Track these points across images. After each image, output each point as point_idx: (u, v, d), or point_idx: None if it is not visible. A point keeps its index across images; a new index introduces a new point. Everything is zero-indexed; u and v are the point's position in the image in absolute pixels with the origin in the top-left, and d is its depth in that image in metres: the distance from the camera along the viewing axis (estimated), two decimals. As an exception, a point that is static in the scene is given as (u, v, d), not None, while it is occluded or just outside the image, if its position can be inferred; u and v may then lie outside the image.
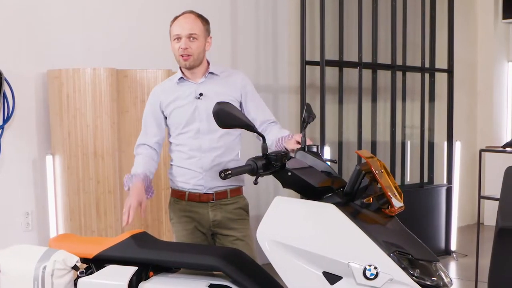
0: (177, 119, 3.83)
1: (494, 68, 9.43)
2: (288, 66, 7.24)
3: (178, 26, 3.77)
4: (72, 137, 5.25)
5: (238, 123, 3.00)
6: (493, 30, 9.39)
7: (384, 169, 2.96)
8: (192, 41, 3.74)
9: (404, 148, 7.53)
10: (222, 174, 2.87)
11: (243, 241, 3.81)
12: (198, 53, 3.77)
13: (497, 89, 9.49)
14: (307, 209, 2.90)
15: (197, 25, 3.76)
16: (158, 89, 3.96)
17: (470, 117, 9.40)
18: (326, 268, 2.78)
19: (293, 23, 7.22)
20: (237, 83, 3.88)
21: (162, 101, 3.87)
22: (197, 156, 3.80)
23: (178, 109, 3.82)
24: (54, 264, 3.15)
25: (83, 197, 5.27)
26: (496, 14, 9.37)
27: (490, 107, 9.47)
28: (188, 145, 3.82)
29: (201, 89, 3.81)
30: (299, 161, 3.02)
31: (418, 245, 2.88)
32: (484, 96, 9.50)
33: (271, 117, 3.90)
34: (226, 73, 3.91)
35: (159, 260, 3.21)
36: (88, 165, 5.27)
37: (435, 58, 7.69)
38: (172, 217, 3.92)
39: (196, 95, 3.80)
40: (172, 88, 3.87)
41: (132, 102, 5.50)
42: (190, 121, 3.80)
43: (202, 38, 3.78)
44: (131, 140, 5.48)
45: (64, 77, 5.23)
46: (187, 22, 3.76)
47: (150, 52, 6.07)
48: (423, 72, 7.56)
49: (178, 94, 3.84)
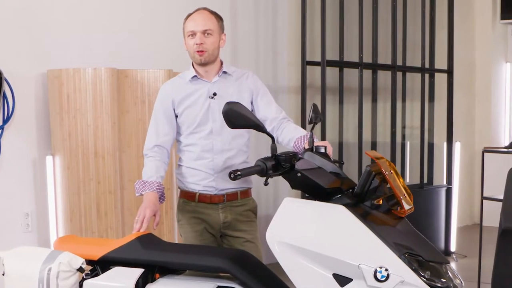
0: (189, 118, 3.76)
1: (492, 69, 9.42)
2: (287, 66, 7.22)
3: (192, 22, 3.72)
4: (73, 137, 5.22)
5: (247, 123, 2.97)
6: (491, 30, 9.38)
7: (393, 170, 2.93)
8: (207, 37, 3.69)
9: (403, 149, 7.52)
10: (232, 175, 2.84)
11: (253, 243, 3.77)
12: (213, 49, 3.72)
13: (495, 89, 9.48)
14: (317, 211, 2.87)
15: (212, 21, 3.72)
16: (168, 86, 3.87)
17: (468, 117, 9.39)
18: (336, 270, 2.75)
19: (292, 24, 7.20)
20: (248, 83, 3.84)
21: (174, 99, 3.79)
22: (209, 157, 3.75)
23: (191, 108, 3.76)
24: (59, 266, 3.11)
25: (84, 197, 5.23)
26: (494, 15, 9.37)
27: (488, 107, 9.47)
28: (199, 146, 3.76)
29: (214, 89, 3.76)
30: (308, 162, 2.99)
31: (428, 246, 2.85)
32: (482, 96, 9.50)
33: (282, 114, 3.84)
34: (238, 73, 3.87)
35: (167, 262, 3.17)
36: (89, 165, 5.24)
37: (434, 59, 7.68)
38: (181, 218, 3.85)
39: (209, 94, 3.75)
40: (184, 86, 3.80)
41: (133, 102, 5.47)
42: (203, 121, 3.74)
43: (217, 35, 3.73)
44: (131, 141, 5.46)
45: (64, 77, 5.19)
46: (201, 19, 3.71)
47: (151, 52, 6.04)
48: (423, 72, 7.54)
49: (191, 92, 3.77)
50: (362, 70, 6.74)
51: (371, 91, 7.12)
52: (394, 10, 7.10)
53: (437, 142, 7.89)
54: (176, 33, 6.21)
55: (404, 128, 7.56)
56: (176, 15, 6.21)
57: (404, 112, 7.44)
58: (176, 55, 6.12)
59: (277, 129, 3.75)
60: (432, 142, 7.71)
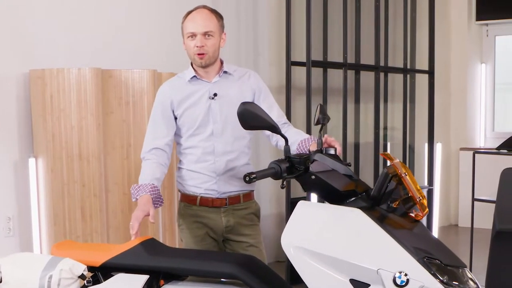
0: (189, 120, 3.65)
1: (468, 70, 9.44)
2: (269, 67, 7.14)
3: (192, 23, 3.59)
4: (56, 139, 5.08)
5: (263, 124, 2.88)
6: (467, 31, 9.40)
7: (407, 172, 2.87)
8: (208, 39, 3.57)
9: (385, 150, 7.48)
10: (247, 178, 2.75)
11: (257, 248, 3.68)
12: (214, 50, 3.60)
13: (471, 90, 9.50)
14: (333, 214, 2.80)
15: (212, 21, 3.60)
16: (166, 87, 3.75)
17: (445, 118, 9.39)
18: (353, 276, 2.68)
19: (274, 24, 7.14)
20: (251, 83, 3.74)
21: (173, 100, 3.67)
22: (210, 160, 3.65)
23: (191, 109, 3.64)
24: (61, 273, 3.00)
25: (68, 201, 5.10)
26: (469, 16, 9.38)
27: (463, 108, 9.48)
28: (200, 148, 3.65)
29: (215, 89, 3.65)
30: (321, 164, 2.91)
31: (445, 250, 2.80)
32: (457, 97, 9.51)
33: (284, 118, 3.77)
34: (239, 72, 3.77)
35: (174, 268, 3.07)
36: (73, 168, 5.10)
37: (415, 59, 7.67)
38: (182, 223, 3.74)
39: (210, 95, 3.64)
40: (183, 86, 3.68)
41: (117, 103, 5.35)
42: (204, 123, 3.63)
43: (217, 35, 3.62)
44: (115, 142, 5.34)
45: (47, 77, 5.05)
46: (202, 19, 3.58)
47: (135, 52, 5.92)
48: (405, 73, 7.52)
49: (190, 93, 3.66)
50: (347, 70, 6.68)
51: (354, 92, 7.08)
52: (378, 11, 7.05)
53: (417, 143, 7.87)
54: (161, 33, 6.17)
55: (386, 129, 7.53)
56: (161, 15, 6.17)
57: (386, 113, 7.41)
58: (161, 55, 6.05)
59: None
60: (413, 143, 7.69)
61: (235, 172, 3.64)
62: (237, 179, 3.65)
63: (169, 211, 5.54)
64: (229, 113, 3.60)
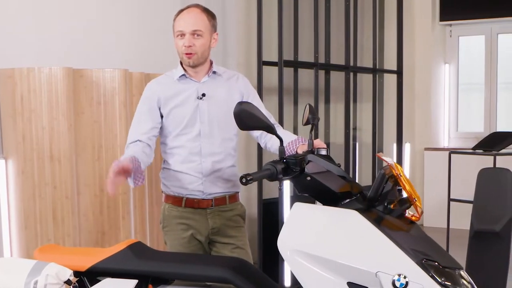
0: (176, 119, 3.59)
1: (432, 70, 9.49)
2: (237, 67, 7.08)
3: (181, 22, 3.53)
4: (27, 140, 4.95)
5: (259, 125, 2.83)
6: (431, 32, 9.46)
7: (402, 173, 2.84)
8: (196, 38, 3.52)
9: (354, 150, 7.47)
10: (244, 180, 2.69)
11: (243, 250, 3.63)
12: (203, 51, 3.54)
13: (435, 91, 9.56)
14: (330, 216, 2.75)
15: (202, 20, 3.53)
16: (154, 85, 3.68)
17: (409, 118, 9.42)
18: (351, 279, 2.63)
19: (241, 24, 7.07)
20: (239, 85, 3.69)
21: (160, 98, 3.60)
22: (197, 160, 3.59)
23: (178, 108, 3.58)
24: (47, 279, 2.91)
25: (39, 203, 4.97)
26: (433, 17, 9.45)
27: (428, 108, 9.53)
28: (187, 148, 3.59)
29: (204, 89, 3.59)
30: (316, 165, 2.86)
31: (442, 252, 2.77)
32: (422, 97, 9.56)
33: (271, 119, 3.71)
34: (227, 74, 3.71)
35: (163, 272, 3.00)
36: (44, 169, 4.98)
37: (383, 60, 7.68)
38: (166, 224, 3.67)
39: (198, 95, 3.58)
40: (171, 84, 3.62)
41: (88, 103, 5.23)
42: (191, 122, 3.57)
43: (207, 35, 3.55)
44: (86, 143, 5.22)
45: (17, 76, 4.91)
46: (191, 17, 3.52)
47: (106, 51, 5.80)
48: (374, 73, 7.52)
49: (178, 91, 3.60)
50: (318, 70, 6.65)
51: (324, 92, 7.05)
52: (348, 11, 7.04)
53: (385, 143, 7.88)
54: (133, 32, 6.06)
55: (355, 129, 7.53)
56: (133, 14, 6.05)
57: (355, 113, 7.40)
58: (132, 54, 5.94)
59: (265, 134, 3.61)
60: (382, 143, 7.70)
61: (221, 174, 3.59)
62: (223, 180, 3.60)
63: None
64: (217, 114, 3.55)
